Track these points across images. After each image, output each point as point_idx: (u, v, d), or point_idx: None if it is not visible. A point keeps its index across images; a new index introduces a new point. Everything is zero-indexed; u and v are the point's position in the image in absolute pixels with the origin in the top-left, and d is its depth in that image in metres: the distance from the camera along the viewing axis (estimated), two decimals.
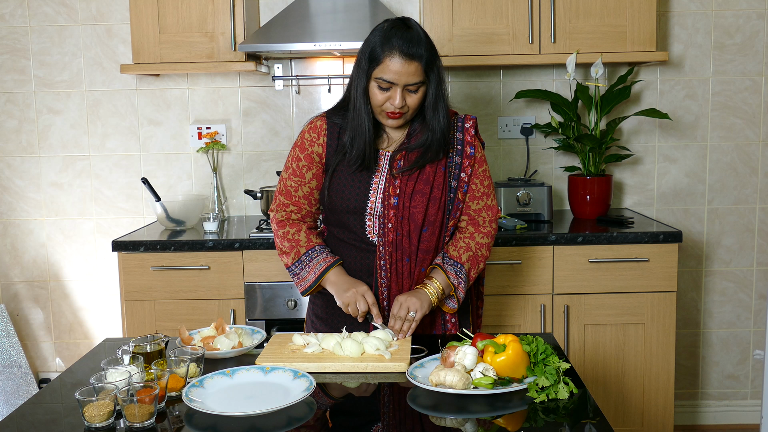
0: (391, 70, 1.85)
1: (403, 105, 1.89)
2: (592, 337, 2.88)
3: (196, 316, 2.88)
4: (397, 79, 1.86)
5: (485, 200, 2.03)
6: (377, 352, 1.72)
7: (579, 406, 1.50)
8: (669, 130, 3.37)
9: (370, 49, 1.88)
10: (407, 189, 1.96)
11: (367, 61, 1.89)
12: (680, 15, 3.31)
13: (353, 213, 1.99)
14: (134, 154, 3.43)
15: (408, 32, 1.86)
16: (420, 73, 1.87)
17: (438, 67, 1.92)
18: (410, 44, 1.84)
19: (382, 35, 1.87)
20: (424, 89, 1.91)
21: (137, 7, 3.01)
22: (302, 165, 2.02)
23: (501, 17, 2.99)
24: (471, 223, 2.04)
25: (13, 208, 3.46)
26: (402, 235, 1.96)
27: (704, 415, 3.47)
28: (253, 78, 3.37)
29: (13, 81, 3.39)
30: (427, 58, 1.87)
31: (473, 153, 2.00)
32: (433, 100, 1.93)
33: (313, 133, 2.02)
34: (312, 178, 2.03)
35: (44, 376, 3.52)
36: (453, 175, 1.99)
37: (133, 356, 1.61)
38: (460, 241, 2.01)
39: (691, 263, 3.42)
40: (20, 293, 3.50)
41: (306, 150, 2.02)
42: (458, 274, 1.97)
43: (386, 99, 1.89)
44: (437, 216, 1.98)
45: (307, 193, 2.03)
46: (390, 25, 1.89)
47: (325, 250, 2.01)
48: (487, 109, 3.37)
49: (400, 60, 1.84)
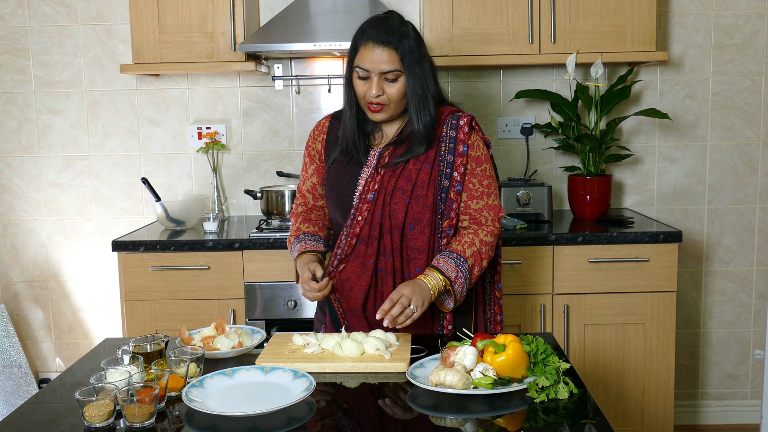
0: (366, 58, 1.90)
1: (381, 94, 1.91)
2: (592, 337, 2.88)
3: (196, 316, 2.88)
4: (372, 67, 1.90)
5: (486, 200, 1.99)
6: (377, 352, 1.72)
7: (579, 406, 1.50)
8: (669, 130, 3.37)
9: (352, 42, 1.96)
10: (388, 186, 1.95)
11: (349, 53, 1.96)
12: (680, 15, 3.31)
13: (339, 208, 2.01)
14: (134, 154, 3.43)
15: (384, 22, 1.92)
16: (395, 61, 1.89)
17: (421, 58, 1.92)
18: (383, 32, 1.89)
19: (361, 28, 1.95)
20: (404, 80, 1.92)
21: (137, 7, 3.01)
22: (306, 162, 2.14)
23: (501, 17, 2.99)
24: (474, 222, 2.00)
25: (13, 208, 3.46)
26: (383, 232, 1.96)
27: (704, 415, 3.47)
28: (253, 78, 3.37)
29: (13, 81, 3.39)
30: (404, 48, 1.89)
31: (466, 151, 1.97)
32: (418, 94, 1.92)
33: (317, 131, 2.12)
34: (313, 174, 2.12)
35: (44, 376, 3.52)
36: (444, 174, 1.97)
37: (133, 356, 1.61)
38: (464, 237, 1.98)
39: (691, 263, 3.42)
40: (20, 293, 3.50)
41: (309, 147, 2.13)
42: (459, 267, 1.90)
43: (366, 89, 1.93)
44: (423, 214, 1.95)
45: (310, 187, 2.14)
46: (371, 18, 1.96)
47: (307, 238, 2.08)
48: (487, 109, 3.37)
49: (373, 47, 1.89)
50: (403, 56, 1.89)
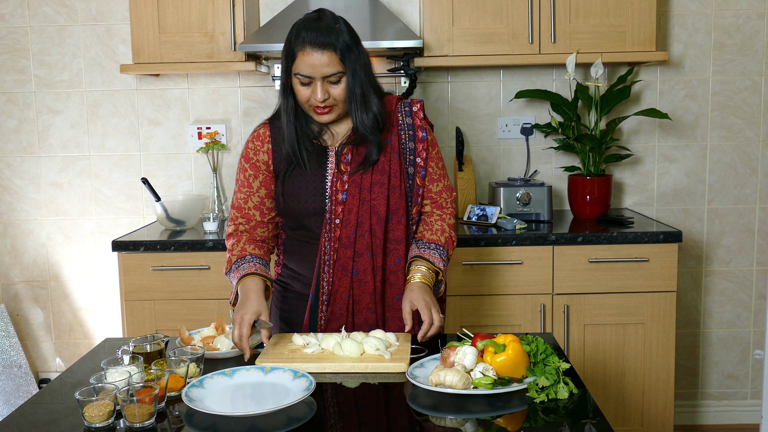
0: (306, 63, 1.82)
1: (327, 98, 1.86)
2: (592, 337, 2.88)
3: (196, 316, 2.88)
4: (313, 72, 1.83)
5: (443, 181, 2.05)
6: (377, 352, 1.72)
7: (579, 406, 1.50)
8: (669, 130, 3.37)
9: (286, 47, 1.88)
10: (363, 182, 1.93)
11: (284, 59, 1.88)
12: (680, 15, 3.31)
13: (312, 215, 1.95)
14: (134, 154, 3.43)
15: (317, 23, 1.84)
16: (336, 63, 1.83)
17: (358, 54, 1.86)
18: (319, 34, 1.82)
19: (295, 30, 1.86)
20: (347, 79, 1.87)
21: (137, 7, 3.01)
22: (249, 175, 1.99)
23: (501, 17, 2.99)
24: (435, 207, 2.04)
25: (13, 208, 3.46)
26: (365, 231, 1.93)
27: (704, 415, 3.47)
28: (253, 78, 3.37)
29: (13, 81, 3.39)
30: (341, 46, 1.83)
31: (425, 136, 2.00)
32: (357, 92, 1.87)
33: (257, 141, 2.00)
34: (260, 187, 1.99)
35: (44, 376, 3.52)
36: (408, 161, 1.98)
37: (133, 356, 1.61)
38: (435, 224, 2.01)
39: (691, 263, 3.42)
40: (20, 293, 3.50)
41: (251, 159, 1.99)
42: (442, 257, 1.97)
43: (310, 94, 1.86)
44: (400, 204, 1.96)
45: (257, 203, 2.00)
46: (303, 19, 1.88)
47: (255, 260, 1.93)
48: (487, 109, 3.37)
49: (312, 52, 1.81)
50: (343, 56, 1.83)
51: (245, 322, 1.75)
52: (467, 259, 2.82)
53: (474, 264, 2.83)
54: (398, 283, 1.99)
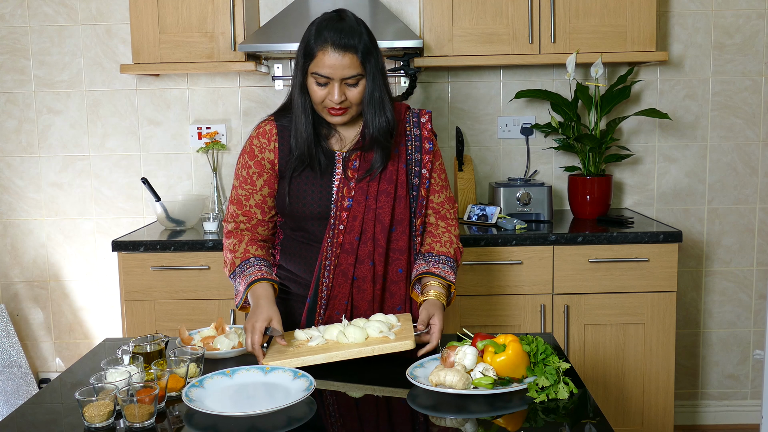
0: (326, 64, 1.79)
1: (344, 100, 1.83)
2: (592, 337, 2.88)
3: (196, 316, 2.88)
4: (333, 73, 1.80)
5: (445, 192, 2.04)
6: (381, 334, 1.72)
7: (579, 406, 1.50)
8: (669, 130, 3.37)
9: (304, 45, 1.84)
10: (370, 190, 1.91)
11: (302, 57, 1.84)
12: (680, 15, 3.31)
13: (317, 219, 1.93)
14: (134, 154, 3.43)
15: (340, 23, 1.81)
16: (356, 65, 1.80)
17: (376, 58, 1.84)
18: (342, 35, 1.78)
19: (315, 29, 1.82)
20: (365, 82, 1.84)
21: (137, 7, 3.01)
22: (252, 172, 1.94)
23: (501, 17, 2.99)
24: (439, 218, 2.03)
25: (13, 208, 3.46)
26: (368, 238, 1.91)
27: (704, 415, 3.47)
28: (253, 78, 3.37)
29: (13, 81, 3.39)
30: (362, 49, 1.80)
31: (432, 148, 1.98)
32: (376, 96, 1.85)
33: (263, 138, 1.94)
34: (263, 185, 1.95)
35: (44, 376, 3.52)
36: (414, 172, 1.96)
37: (133, 356, 1.61)
38: (443, 236, 1.99)
39: (691, 263, 3.42)
40: (20, 293, 3.50)
41: (256, 157, 1.94)
42: (453, 269, 1.95)
43: (326, 95, 1.83)
44: (404, 214, 1.95)
45: (259, 201, 1.95)
46: (323, 18, 1.85)
47: (260, 263, 1.90)
48: (487, 109, 3.37)
49: (333, 53, 1.78)
50: (364, 59, 1.81)
51: (257, 329, 1.74)
52: (467, 259, 2.82)
53: (474, 264, 2.83)
54: (399, 293, 1.97)
